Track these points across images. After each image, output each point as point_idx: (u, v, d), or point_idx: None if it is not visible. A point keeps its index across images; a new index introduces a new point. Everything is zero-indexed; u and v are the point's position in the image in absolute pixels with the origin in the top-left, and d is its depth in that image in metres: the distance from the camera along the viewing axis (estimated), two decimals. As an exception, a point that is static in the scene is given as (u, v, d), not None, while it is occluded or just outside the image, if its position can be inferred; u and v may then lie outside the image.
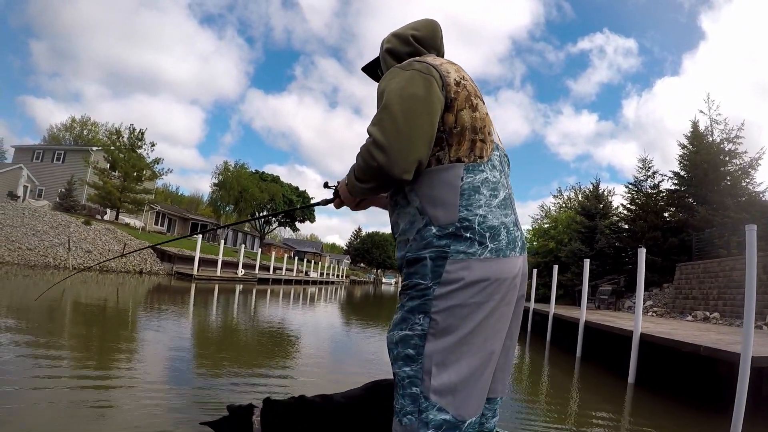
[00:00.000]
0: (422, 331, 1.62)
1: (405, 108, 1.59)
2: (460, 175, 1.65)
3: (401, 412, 1.65)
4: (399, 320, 1.70)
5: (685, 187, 25.43)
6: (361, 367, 7.84)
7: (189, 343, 8.94)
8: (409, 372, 1.63)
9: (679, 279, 18.62)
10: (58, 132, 72.75)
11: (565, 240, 29.50)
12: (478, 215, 1.64)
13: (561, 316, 13.34)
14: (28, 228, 25.76)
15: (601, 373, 9.51)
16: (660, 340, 7.59)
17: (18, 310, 10.00)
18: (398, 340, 1.68)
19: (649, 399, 7.30)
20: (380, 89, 1.72)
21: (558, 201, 41.49)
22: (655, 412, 6.58)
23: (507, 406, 6.30)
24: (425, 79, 1.65)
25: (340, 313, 21.51)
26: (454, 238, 1.63)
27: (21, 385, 4.56)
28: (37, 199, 41.34)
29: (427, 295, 1.63)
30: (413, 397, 1.62)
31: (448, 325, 1.60)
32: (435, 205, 1.65)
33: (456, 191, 1.64)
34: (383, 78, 1.76)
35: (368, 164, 1.61)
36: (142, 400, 4.40)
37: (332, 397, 2.35)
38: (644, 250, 8.42)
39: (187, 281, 26.33)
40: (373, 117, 1.64)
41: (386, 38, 1.98)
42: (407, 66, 1.71)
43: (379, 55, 2.00)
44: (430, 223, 1.65)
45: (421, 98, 1.61)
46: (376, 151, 1.57)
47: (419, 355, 1.62)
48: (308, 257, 76.80)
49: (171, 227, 58.42)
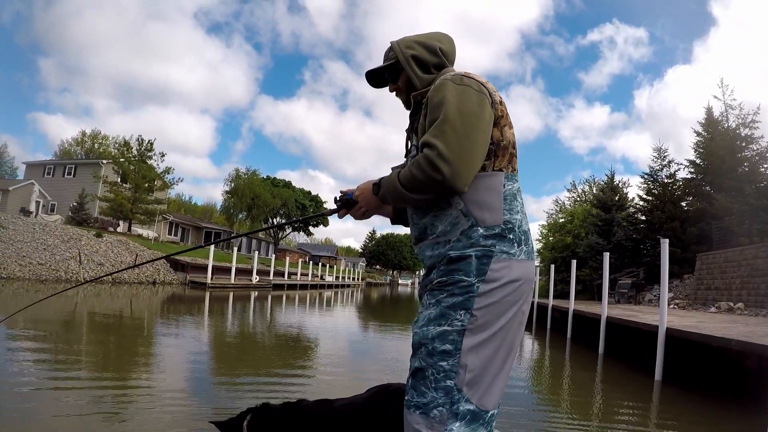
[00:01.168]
0: (461, 327, 1.69)
1: (466, 123, 1.66)
2: (503, 182, 1.78)
3: (430, 405, 1.68)
4: (437, 316, 1.73)
5: (702, 175, 24.98)
6: (382, 373, 7.65)
7: (206, 349, 9.02)
8: (445, 366, 1.68)
9: (700, 269, 18.22)
10: (69, 147, 73.43)
11: (581, 234, 29.08)
12: (517, 219, 1.79)
13: (582, 312, 13.06)
14: (38, 243, 25.83)
15: (625, 370, 9.24)
16: (688, 334, 7.30)
17: (34, 321, 9.95)
18: (436, 336, 1.71)
19: (677, 397, 7.05)
20: (435, 100, 1.75)
21: (572, 195, 41.12)
22: (684, 410, 6.33)
23: (529, 403, 6.20)
24: (479, 97, 1.73)
25: (358, 315, 21.40)
26: (499, 239, 1.74)
27: (41, 385, 4.87)
28: (49, 214, 41.64)
29: (471, 292, 1.70)
30: (447, 390, 1.67)
31: (486, 321, 1.69)
32: (481, 208, 1.74)
33: (500, 196, 1.76)
34: (434, 88, 1.80)
35: (430, 176, 1.64)
36: (161, 406, 4.52)
37: (332, 403, 2.31)
38: (667, 241, 8.14)
39: (201, 290, 26.30)
40: (433, 128, 1.68)
41: (406, 43, 1.99)
42: (459, 81, 1.77)
43: (400, 59, 1.97)
44: (476, 225, 1.74)
45: (478, 115, 1.70)
46: (441, 163, 1.62)
47: (457, 350, 1.68)
48: (323, 261, 76.74)
49: (185, 237, 58.60)
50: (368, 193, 1.96)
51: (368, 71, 2.11)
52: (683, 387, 7.40)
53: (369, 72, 2.11)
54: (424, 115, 1.80)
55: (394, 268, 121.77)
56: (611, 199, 27.78)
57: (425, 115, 1.79)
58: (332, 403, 2.30)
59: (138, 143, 42.12)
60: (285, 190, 69.27)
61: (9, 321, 10.42)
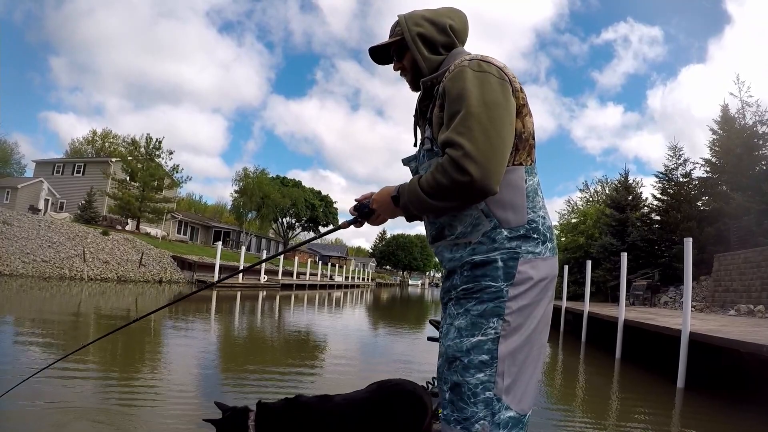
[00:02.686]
0: (495, 335, 1.60)
1: (492, 116, 1.52)
2: (524, 177, 1.66)
3: (472, 419, 1.59)
4: (468, 326, 1.63)
5: (718, 174, 24.45)
6: (392, 373, 7.48)
7: (213, 348, 9.06)
8: (482, 378, 1.60)
9: (718, 271, 17.74)
10: (80, 146, 73.65)
11: (595, 235, 28.58)
12: (540, 216, 1.68)
13: (597, 315, 12.66)
14: (43, 240, 25.70)
15: (645, 376, 8.87)
16: (713, 339, 6.88)
17: (42, 320, 10.08)
18: (470, 347, 1.61)
19: (701, 405, 6.69)
20: (455, 92, 1.59)
21: (585, 195, 40.57)
22: (708, 420, 5.98)
23: (542, 411, 5.89)
24: (502, 85, 1.60)
25: (367, 316, 21.20)
26: (524, 240, 1.64)
27: (48, 382, 4.94)
28: (58, 212, 41.59)
29: (501, 297, 1.61)
30: (487, 402, 1.59)
31: (518, 324, 1.61)
32: (504, 208, 1.63)
33: (522, 193, 1.65)
34: (451, 77, 1.63)
35: (456, 180, 1.49)
36: (169, 404, 4.60)
37: (332, 398, 2.30)
38: (690, 240, 7.74)
39: (209, 289, 25.95)
40: (456, 124, 1.53)
41: (414, 20, 1.82)
42: (478, 67, 1.61)
43: (406, 37, 1.81)
44: (500, 226, 1.63)
45: (503, 105, 1.57)
46: (469, 163, 1.47)
47: (493, 359, 1.60)
48: (333, 261, 76.55)
49: (194, 235, 58.60)
50: (387, 204, 1.79)
51: (372, 47, 1.93)
52: (707, 395, 7.03)
53: (372, 48, 1.93)
54: (440, 105, 1.65)
55: (404, 268, 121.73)
56: (625, 199, 27.21)
57: (441, 106, 1.65)
58: (333, 399, 2.28)
59: (146, 141, 42.09)
60: (294, 189, 69.13)
61: (18, 317, 10.80)
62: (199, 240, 58.32)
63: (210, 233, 60.81)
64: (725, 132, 24.42)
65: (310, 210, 73.68)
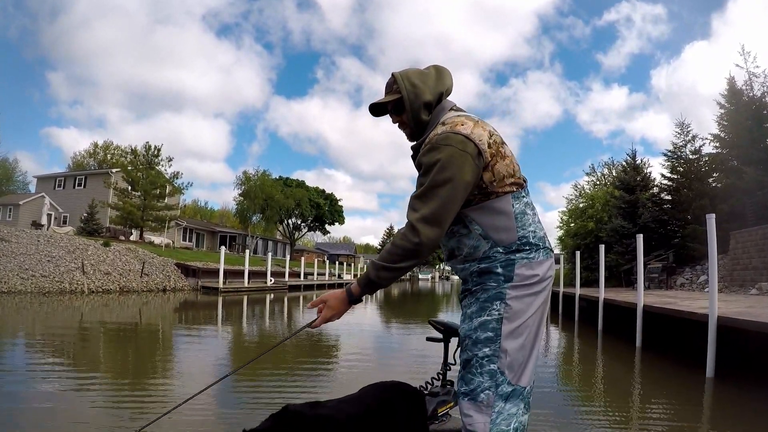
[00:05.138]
0: (499, 316, 1.90)
1: (450, 199, 1.86)
2: (511, 203, 1.97)
3: (478, 389, 1.88)
4: (477, 310, 1.95)
5: (728, 149, 23.70)
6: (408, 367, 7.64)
7: (224, 353, 9.18)
8: (488, 352, 1.89)
9: (735, 249, 17.10)
10: (81, 159, 73.46)
11: (604, 218, 27.89)
12: (530, 231, 1.99)
13: (613, 301, 12.08)
14: (42, 255, 25.29)
15: (669, 365, 8.36)
16: (745, 324, 6.29)
17: (52, 334, 10.25)
18: (478, 326, 1.93)
19: (733, 396, 6.19)
20: (424, 163, 1.92)
21: (591, 179, 39.84)
22: (741, 411, 5.49)
23: (563, 403, 5.77)
24: (464, 158, 1.87)
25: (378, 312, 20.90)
26: (516, 252, 1.96)
27: (62, 394, 5.19)
28: (61, 226, 41.34)
29: (503, 288, 1.93)
30: (491, 373, 1.88)
31: (519, 309, 1.90)
32: (497, 231, 1.96)
33: (511, 217, 1.96)
34: (426, 150, 1.95)
35: (410, 241, 1.87)
36: (184, 415, 4.41)
37: (325, 405, 2.19)
38: (713, 216, 7.18)
39: (214, 295, 25.71)
40: (423, 197, 1.88)
41: (410, 80, 2.08)
42: (444, 140, 1.90)
43: (404, 98, 2.07)
44: (496, 245, 1.96)
45: (461, 179, 1.86)
46: (424, 227, 1.85)
47: (497, 336, 1.89)
48: (341, 260, 76.17)
49: (199, 242, 58.29)
50: (340, 303, 2.04)
51: (372, 104, 2.16)
52: (739, 385, 6.51)
53: (371, 106, 2.17)
54: (418, 167, 2.00)
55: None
56: (634, 179, 26.47)
57: (418, 167, 2.00)
58: (325, 405, 2.17)
59: (145, 149, 41.69)
60: (298, 189, 68.60)
61: (29, 333, 11.03)
62: (205, 246, 57.99)
63: (215, 238, 60.47)
64: (733, 105, 23.64)
65: (315, 209, 73.28)
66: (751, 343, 6.79)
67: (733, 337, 6.83)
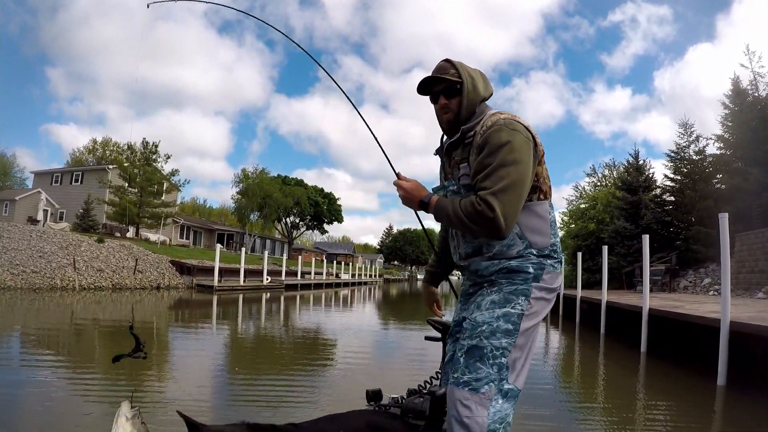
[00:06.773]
0: (521, 311, 1.95)
1: (520, 176, 1.88)
2: (548, 210, 2.08)
3: (484, 380, 1.87)
4: (501, 300, 1.98)
5: (732, 150, 23.35)
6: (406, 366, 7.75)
7: (221, 353, 9.05)
8: (503, 343, 1.91)
9: (741, 251, 16.74)
10: (80, 155, 73.09)
11: (606, 219, 27.52)
12: (557, 241, 2.12)
13: (616, 304, 11.70)
14: (34, 251, 24.92)
15: (676, 372, 8.01)
16: (761, 329, 5.90)
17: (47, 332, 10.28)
18: (500, 315, 1.95)
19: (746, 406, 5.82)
20: (493, 143, 1.91)
21: (592, 179, 39.53)
22: (758, 424, 5.12)
23: (565, 411, 5.54)
24: (529, 145, 1.94)
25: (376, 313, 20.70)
26: (547, 257, 2.05)
27: (59, 396, 5.07)
28: (57, 222, 40.97)
29: (529, 284, 1.99)
30: (500, 367, 1.89)
31: (536, 311, 1.99)
32: (534, 233, 2.03)
33: (548, 222, 2.06)
34: (492, 131, 1.94)
35: (484, 231, 1.90)
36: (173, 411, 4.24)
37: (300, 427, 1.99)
38: (726, 216, 6.77)
39: (209, 293, 25.31)
40: (492, 177, 1.87)
41: (469, 72, 2.12)
42: (510, 125, 1.94)
43: (465, 84, 2.09)
44: (530, 247, 2.02)
45: (526, 162, 1.92)
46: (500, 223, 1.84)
47: (516, 330, 1.93)
48: (340, 259, 75.76)
49: (196, 239, 57.89)
50: (413, 199, 2.09)
51: (427, 77, 2.15)
52: (752, 394, 6.13)
53: (427, 78, 2.15)
54: (479, 148, 1.97)
55: (412, 263, 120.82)
56: (637, 180, 26.09)
57: (479, 148, 1.97)
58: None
59: (142, 146, 41.31)
60: (297, 188, 68.17)
61: (23, 330, 10.82)
62: (202, 244, 57.55)
63: (213, 236, 60.05)
64: (737, 106, 23.33)
65: (314, 207, 72.91)
66: (763, 351, 6.40)
67: (744, 344, 6.45)
